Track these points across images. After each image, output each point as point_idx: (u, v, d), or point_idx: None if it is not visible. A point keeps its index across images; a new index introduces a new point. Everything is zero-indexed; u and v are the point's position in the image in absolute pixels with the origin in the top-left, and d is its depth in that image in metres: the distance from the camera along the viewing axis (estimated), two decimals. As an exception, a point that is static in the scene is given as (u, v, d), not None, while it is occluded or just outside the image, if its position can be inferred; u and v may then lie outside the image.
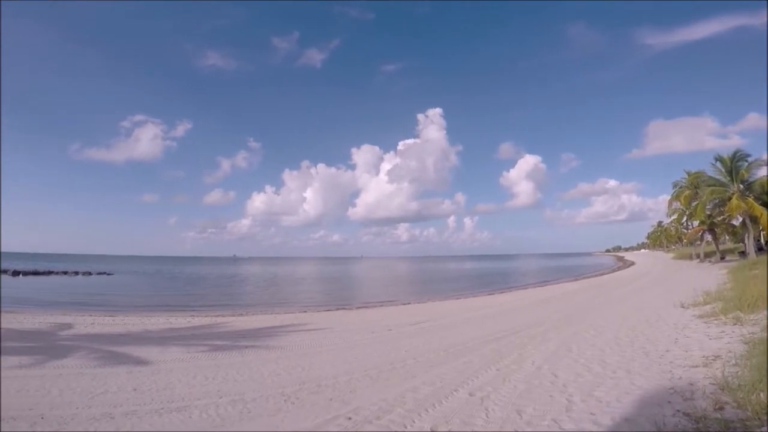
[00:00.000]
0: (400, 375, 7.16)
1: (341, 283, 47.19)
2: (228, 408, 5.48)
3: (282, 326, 13.89)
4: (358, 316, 17.75)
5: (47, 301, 23.87)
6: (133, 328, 13.15)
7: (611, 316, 12.72)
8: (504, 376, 6.71)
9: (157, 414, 5.24)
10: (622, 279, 33.28)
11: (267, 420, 5.06)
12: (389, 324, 13.90)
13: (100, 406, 5.52)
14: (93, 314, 17.02)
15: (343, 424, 4.84)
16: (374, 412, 5.18)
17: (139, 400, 5.84)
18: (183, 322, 15.08)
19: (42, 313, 16.59)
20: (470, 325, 13.16)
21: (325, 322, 15.12)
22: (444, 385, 6.38)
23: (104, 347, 9.68)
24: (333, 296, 30.53)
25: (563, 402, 5.26)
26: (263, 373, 7.43)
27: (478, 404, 5.38)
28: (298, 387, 6.48)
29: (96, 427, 4.76)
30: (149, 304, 23.68)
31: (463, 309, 18.45)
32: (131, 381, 6.82)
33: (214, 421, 5.03)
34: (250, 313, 19.32)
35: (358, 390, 6.28)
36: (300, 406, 5.58)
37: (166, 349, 9.74)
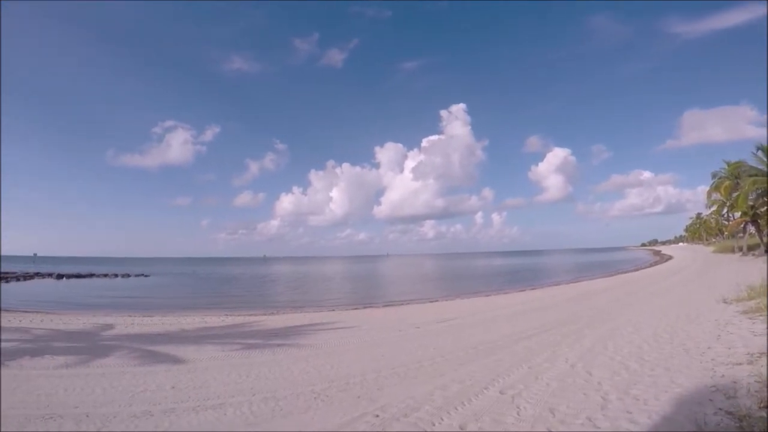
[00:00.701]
0: (428, 373, 7.14)
1: (368, 281, 47.35)
2: (261, 405, 5.60)
3: (311, 325, 14.09)
4: (385, 314, 17.79)
5: (90, 302, 25.02)
6: (170, 328, 13.60)
7: (649, 312, 12.29)
8: (536, 374, 6.59)
9: (194, 411, 5.39)
10: (660, 274, 32.05)
11: (298, 417, 5.15)
12: (416, 322, 13.86)
13: (141, 404, 5.72)
14: (132, 315, 17.75)
15: (370, 421, 4.86)
16: (402, 410, 5.19)
17: (177, 397, 6.02)
18: (217, 321, 15.51)
19: (85, 315, 17.41)
20: (500, 322, 12.97)
21: (352, 320, 15.24)
22: (473, 383, 6.32)
23: (143, 347, 10.05)
24: (360, 295, 30.66)
25: (598, 400, 5.12)
26: (294, 371, 7.56)
27: (509, 402, 5.31)
28: (327, 385, 6.56)
29: (137, 424, 4.93)
30: (185, 305, 24.45)
31: (492, 306, 18.20)
32: (169, 379, 7.05)
33: (247, 419, 5.15)
34: (280, 312, 19.69)
35: (385, 388, 6.30)
36: (329, 403, 5.65)
37: (202, 347, 10.03)
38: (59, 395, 6.05)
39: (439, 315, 15.52)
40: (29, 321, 14.20)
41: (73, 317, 16.05)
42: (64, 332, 12.31)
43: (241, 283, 46.88)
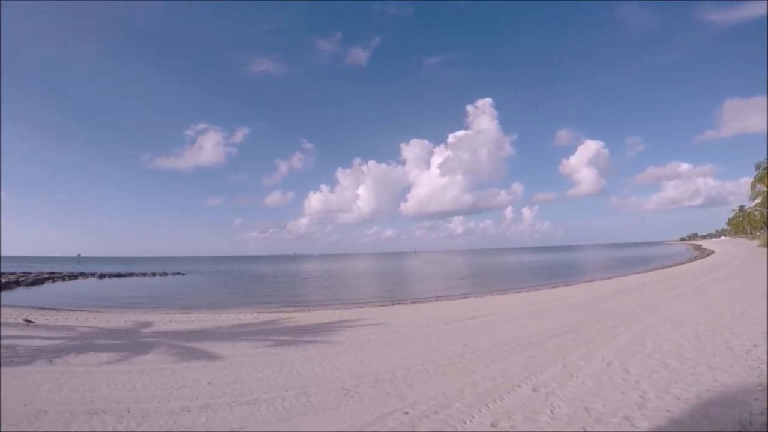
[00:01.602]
0: (459, 370, 7.08)
1: (396, 278, 47.28)
2: (293, 401, 5.69)
3: (340, 321, 14.21)
4: (414, 310, 17.76)
5: (130, 301, 26.08)
6: (206, 325, 14.00)
7: (689, 308, 11.80)
8: (571, 371, 6.45)
9: (229, 407, 5.52)
10: (700, 269, 30.62)
11: (329, 414, 5.20)
12: (446, 318, 13.76)
13: (179, 399, 5.89)
14: (170, 312, 18.41)
15: (400, 418, 4.87)
16: (432, 407, 5.17)
17: (213, 393, 6.17)
18: (250, 318, 15.87)
19: (126, 313, 18.21)
20: (532, 319, 12.72)
21: (381, 317, 15.26)
22: (506, 380, 6.24)
23: (181, 343, 10.37)
24: (388, 292, 30.65)
25: (636, 399, 4.96)
26: (324, 368, 7.64)
27: (543, 400, 5.21)
28: (357, 381, 6.61)
29: (174, 420, 5.08)
30: (219, 302, 25.22)
31: (524, 303, 17.87)
32: (206, 375, 7.23)
33: (280, 414, 5.24)
34: (310, 309, 19.97)
35: (415, 385, 6.29)
36: (359, 400, 5.68)
37: (236, 344, 10.27)
38: (102, 391, 6.28)
39: (469, 312, 15.34)
40: (74, 319, 14.91)
41: (115, 315, 16.79)
42: (106, 330, 12.85)
43: (273, 280, 47.77)
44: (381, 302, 22.47)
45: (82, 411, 5.29)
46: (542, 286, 28.41)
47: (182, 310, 19.40)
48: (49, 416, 5.04)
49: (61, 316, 15.74)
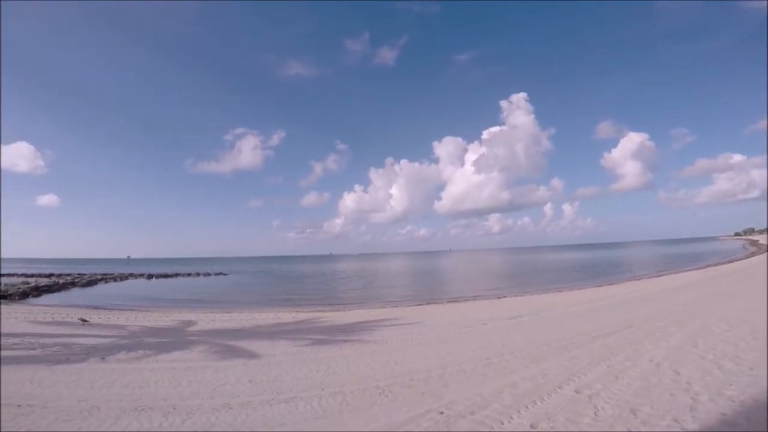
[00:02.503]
0: (497, 370, 6.94)
1: (430, 277, 46.97)
2: (329, 400, 5.74)
3: (375, 321, 14.26)
4: (450, 310, 17.56)
5: (176, 300, 27.27)
6: (247, 324, 14.39)
7: (745, 308, 11.06)
8: (616, 373, 6.22)
9: (268, 405, 5.62)
10: (758, 266, 28.60)
11: (364, 412, 5.21)
12: (483, 318, 13.53)
13: (221, 396, 6.05)
14: (213, 311, 19.09)
15: (435, 418, 4.81)
16: (468, 407, 5.08)
17: (254, 391, 6.31)
18: (288, 317, 16.20)
19: (172, 312, 18.99)
20: (575, 319, 12.30)
21: (416, 316, 15.19)
22: (546, 381, 6.08)
23: (223, 342, 10.70)
24: (423, 291, 30.46)
25: (687, 401, 4.69)
26: (359, 367, 7.68)
27: (586, 402, 5.02)
28: (392, 381, 6.59)
29: (217, 417, 5.22)
30: (259, 301, 25.98)
31: (567, 302, 17.31)
32: (247, 373, 7.40)
33: (316, 413, 5.29)
34: (346, 308, 20.17)
35: (451, 384, 6.21)
36: (393, 399, 5.66)
37: (275, 342, 10.50)
38: (150, 388, 6.53)
39: (507, 311, 15.04)
40: (125, 318, 15.69)
41: (162, 314, 17.54)
42: (154, 329, 13.44)
43: (310, 280, 48.63)
44: (415, 302, 22.38)
45: (131, 408, 5.51)
46: (585, 285, 27.43)
47: (224, 310, 20.06)
48: (101, 412, 5.28)
49: (113, 316, 16.61)
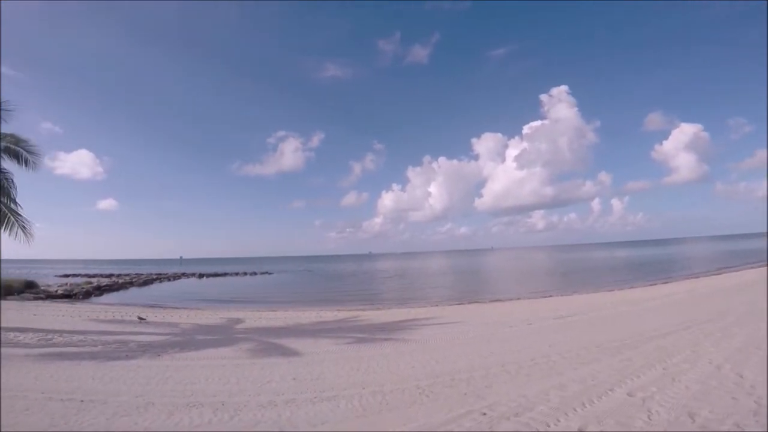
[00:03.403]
0: (543, 371, 6.74)
1: (472, 276, 46.29)
2: (369, 399, 5.75)
3: (415, 320, 14.20)
4: (493, 309, 17.21)
5: (225, 298, 28.47)
6: (290, 322, 14.77)
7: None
8: (672, 375, 5.90)
9: (311, 403, 5.69)
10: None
11: (404, 412, 5.17)
12: (529, 318, 13.17)
13: (267, 394, 6.17)
14: (259, 309, 19.76)
15: (477, 419, 4.70)
16: (512, 409, 4.93)
17: (297, 389, 6.41)
18: (330, 315, 16.49)
19: (221, 310, 19.82)
20: (627, 319, 11.73)
21: (457, 315, 14.99)
22: (597, 383, 5.86)
23: (269, 339, 11.00)
24: (464, 290, 30.05)
25: (750, 405, 4.36)
26: (400, 366, 7.65)
27: (639, 405, 4.77)
28: (433, 380, 6.51)
29: (262, 414, 5.32)
30: (302, 300, 26.68)
31: (618, 302, 16.54)
32: (291, 371, 7.54)
33: (357, 411, 5.31)
34: (386, 307, 20.27)
35: (494, 385, 6.06)
36: (434, 399, 5.59)
37: (318, 341, 10.69)
38: (201, 384, 6.75)
39: (554, 311, 14.56)
40: (178, 316, 16.51)
41: (212, 313, 18.33)
42: (204, 326, 14.04)
43: (350, 279, 49.27)
44: (456, 301, 22.13)
45: (183, 403, 5.70)
46: (638, 283, 26.13)
47: (269, 308, 20.75)
48: (156, 408, 5.49)
49: (167, 314, 17.54)
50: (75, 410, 5.23)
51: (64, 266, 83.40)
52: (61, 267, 78.03)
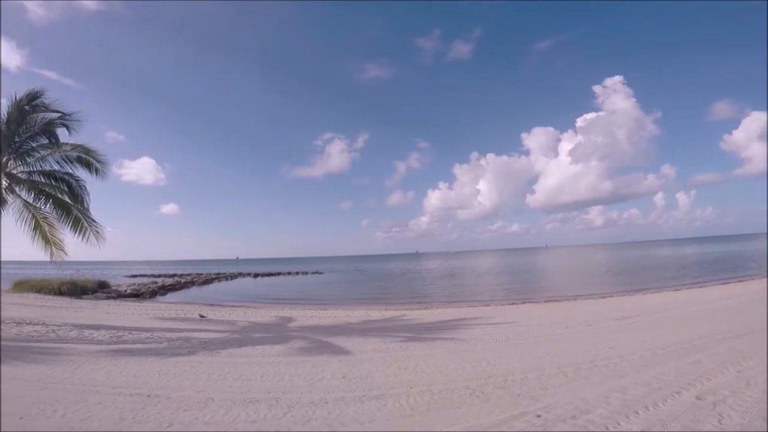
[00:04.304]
0: (603, 374, 6.45)
1: (525, 275, 44.83)
2: (417, 398, 5.71)
3: (465, 319, 13.96)
4: (548, 310, 16.60)
5: (278, 297, 29.50)
6: (340, 321, 15.02)
7: None
8: (748, 378, 5.50)
9: (360, 401, 5.74)
10: None
11: (452, 412, 5.09)
12: (587, 319, 12.62)
13: (318, 391, 6.29)
14: (311, 308, 20.28)
15: (531, 421, 4.55)
16: (569, 411, 4.74)
17: (347, 387, 6.48)
18: (378, 314, 16.60)
19: (275, 308, 20.53)
20: (696, 320, 10.93)
21: (509, 316, 14.60)
22: (662, 386, 5.55)
23: (320, 338, 11.24)
24: (517, 289, 29.13)
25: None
26: (449, 366, 7.54)
27: (709, 409, 4.46)
28: (483, 381, 6.37)
29: (313, 411, 5.41)
30: (351, 298, 27.07)
31: (685, 302, 15.44)
32: (341, 369, 7.65)
33: (404, 411, 5.29)
34: (434, 306, 20.11)
35: (550, 387, 5.86)
36: (485, 400, 5.47)
37: (366, 339, 10.79)
38: (257, 381, 6.98)
39: (614, 312, 13.88)
40: (236, 315, 17.27)
41: (266, 311, 19.00)
42: (259, 324, 14.57)
43: (398, 278, 49.32)
44: (509, 301, 21.56)
45: (240, 399, 5.91)
46: (707, 282, 24.27)
47: (320, 307, 21.26)
48: (215, 403, 5.72)
49: (225, 312, 18.39)
50: (142, 405, 5.52)
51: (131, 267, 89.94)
52: (128, 268, 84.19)
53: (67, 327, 12.28)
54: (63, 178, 14.73)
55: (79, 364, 7.74)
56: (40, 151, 14.50)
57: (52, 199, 14.16)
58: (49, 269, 16.65)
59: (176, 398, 5.85)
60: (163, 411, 5.30)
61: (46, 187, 14.31)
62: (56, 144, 14.69)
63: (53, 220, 13.97)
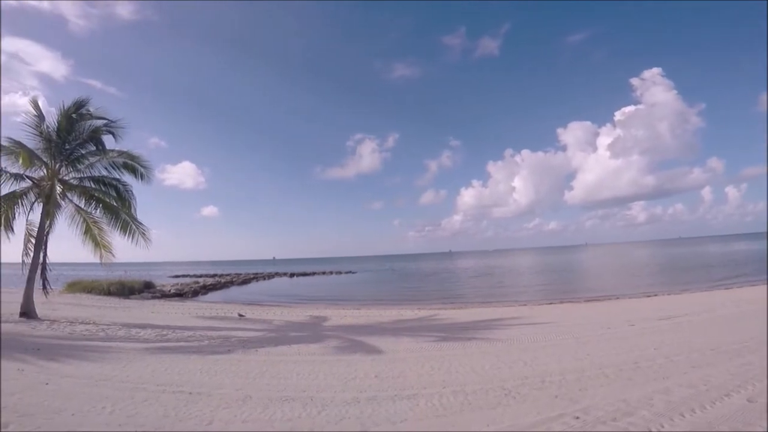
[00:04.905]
0: (647, 375, 6.21)
1: (563, 274, 43.48)
2: (450, 398, 5.66)
3: (501, 319, 13.71)
4: (588, 309, 16.06)
5: (313, 297, 30.01)
6: (373, 320, 15.11)
7: None
8: None
9: (392, 400, 5.74)
10: None
11: (487, 413, 5.02)
12: (630, 318, 12.15)
13: (351, 390, 6.35)
14: (344, 307, 20.52)
15: (569, 423, 4.43)
16: (610, 413, 4.59)
17: (379, 386, 6.51)
18: (410, 314, 16.58)
19: (310, 308, 20.90)
20: (748, 320, 10.34)
21: (547, 316, 14.23)
22: (710, 388, 5.30)
23: (353, 337, 11.33)
24: (555, 289, 28.34)
25: None
26: (484, 366, 7.43)
27: (761, 411, 4.24)
28: (520, 382, 6.24)
29: (346, 410, 5.45)
30: (384, 298, 27.15)
31: (736, 301, 14.56)
32: (374, 368, 7.69)
33: (437, 411, 5.25)
34: (468, 305, 19.88)
35: (590, 389, 5.68)
36: (521, 401, 5.36)
37: (399, 339, 10.79)
38: (292, 379, 7.11)
39: (659, 311, 13.29)
40: (272, 314, 17.69)
41: (301, 310, 19.38)
42: (295, 323, 14.84)
43: (431, 277, 48.92)
44: (546, 300, 21.00)
45: (277, 397, 6.02)
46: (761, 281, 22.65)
47: (353, 306, 21.48)
48: (253, 401, 5.87)
49: (262, 311, 18.87)
50: (184, 402, 5.72)
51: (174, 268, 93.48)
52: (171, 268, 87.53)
53: (115, 326, 12.96)
54: (111, 184, 15.58)
55: (127, 362, 8.13)
56: (89, 158, 15.41)
57: (102, 204, 14.99)
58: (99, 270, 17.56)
59: (216, 396, 6.02)
60: (204, 408, 5.47)
61: (96, 192, 15.17)
62: (103, 150, 15.52)
63: (103, 224, 14.78)
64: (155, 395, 6.01)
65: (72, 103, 14.90)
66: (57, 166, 14.84)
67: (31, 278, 14.28)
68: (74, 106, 14.90)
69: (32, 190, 14.43)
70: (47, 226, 14.41)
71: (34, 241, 14.57)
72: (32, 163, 14.20)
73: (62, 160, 14.96)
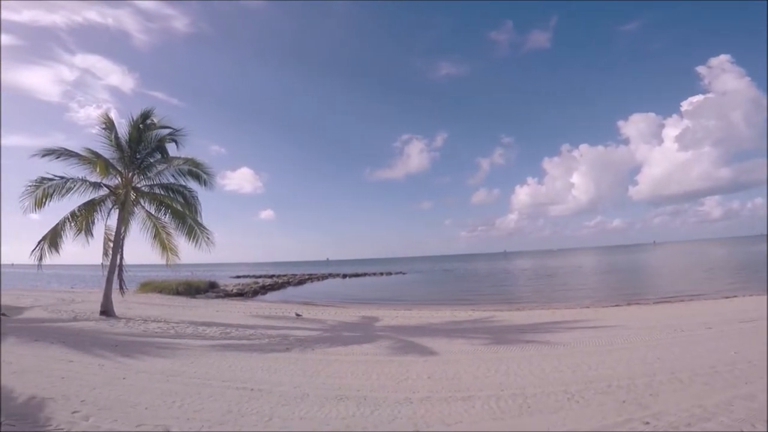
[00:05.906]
0: (726, 380, 5.72)
1: (630, 274, 40.69)
2: (508, 401, 5.49)
3: (562, 322, 13.14)
4: (658, 311, 14.94)
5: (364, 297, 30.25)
6: (425, 321, 14.98)
7: None
8: None
9: (446, 402, 5.67)
10: None
11: (547, 417, 4.82)
12: (707, 321, 11.24)
13: (404, 391, 6.33)
14: (396, 308, 20.52)
15: (637, 428, 4.18)
16: (683, 419, 4.27)
17: (432, 387, 6.44)
18: (464, 315, 16.29)
19: (362, 308, 21.09)
20: None
21: (613, 318, 13.42)
22: None
23: (405, 338, 11.30)
24: (621, 290, 26.53)
25: None
26: (544, 369, 7.14)
27: None
28: (584, 386, 5.94)
29: (399, 410, 5.45)
30: (436, 299, 26.86)
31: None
32: (426, 369, 7.62)
33: (494, 413, 5.11)
34: (526, 307, 19.20)
35: (661, 394, 5.31)
36: (585, 405, 5.09)
37: (453, 340, 10.62)
38: (347, 378, 7.20)
39: (740, 314, 12.21)
40: (327, 314, 18.08)
41: (354, 311, 19.62)
42: (349, 323, 15.06)
43: (485, 278, 47.79)
44: (612, 302, 19.76)
45: (332, 396, 6.12)
46: None
47: (405, 307, 21.42)
48: (310, 399, 6.01)
49: (317, 311, 19.37)
50: (247, 398, 5.96)
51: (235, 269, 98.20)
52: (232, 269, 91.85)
53: (184, 324, 13.82)
54: (178, 190, 16.64)
55: (195, 359, 8.61)
56: (158, 166, 16.54)
57: (170, 210, 16.05)
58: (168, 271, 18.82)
59: (276, 393, 6.22)
60: (264, 405, 5.65)
61: (165, 198, 16.26)
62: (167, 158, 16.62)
63: (170, 228, 15.81)
64: (220, 391, 6.30)
65: (139, 114, 16.10)
66: (130, 174, 16.09)
67: (109, 279, 15.56)
68: (141, 117, 16.09)
69: (109, 197, 15.74)
70: (123, 230, 15.65)
71: (111, 244, 15.88)
72: (108, 171, 15.50)
73: (134, 168, 16.19)
